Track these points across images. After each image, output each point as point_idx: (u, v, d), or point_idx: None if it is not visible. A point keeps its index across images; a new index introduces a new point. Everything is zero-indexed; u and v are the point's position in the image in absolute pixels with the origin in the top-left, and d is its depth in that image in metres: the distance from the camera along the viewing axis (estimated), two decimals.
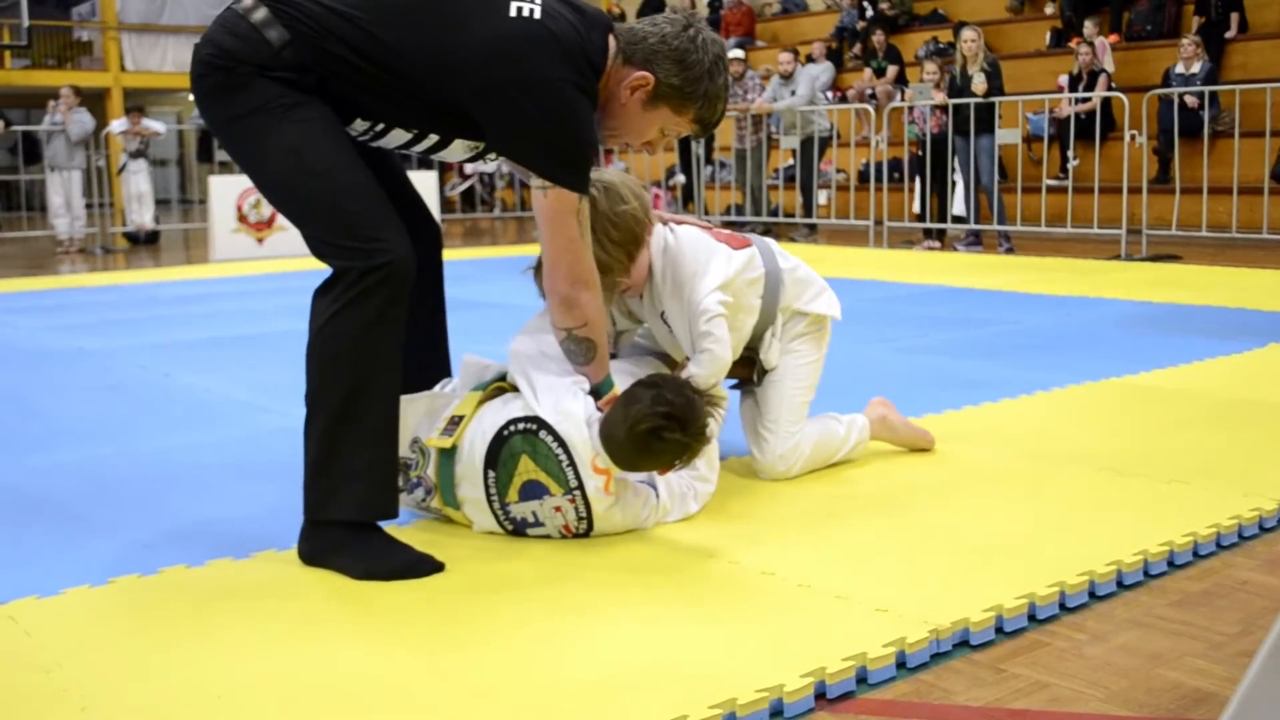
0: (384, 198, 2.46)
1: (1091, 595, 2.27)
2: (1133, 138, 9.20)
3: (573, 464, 2.48)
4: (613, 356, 2.96)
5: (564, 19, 2.46)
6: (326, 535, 2.41)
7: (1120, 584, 2.32)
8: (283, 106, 2.37)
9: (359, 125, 2.50)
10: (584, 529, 2.55)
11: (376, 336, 2.37)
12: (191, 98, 2.49)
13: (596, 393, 2.61)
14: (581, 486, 2.49)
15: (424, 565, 2.38)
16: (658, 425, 2.41)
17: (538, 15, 2.42)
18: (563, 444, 2.49)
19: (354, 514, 2.40)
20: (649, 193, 2.85)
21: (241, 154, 2.48)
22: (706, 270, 2.79)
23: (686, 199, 13.12)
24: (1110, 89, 10.53)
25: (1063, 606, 2.21)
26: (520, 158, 2.54)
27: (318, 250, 2.43)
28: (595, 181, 2.68)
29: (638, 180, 2.77)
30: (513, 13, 2.41)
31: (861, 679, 1.93)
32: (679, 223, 2.93)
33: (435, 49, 2.41)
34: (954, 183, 10.16)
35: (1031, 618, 2.16)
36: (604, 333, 2.63)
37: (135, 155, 12.76)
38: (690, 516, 2.70)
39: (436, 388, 2.79)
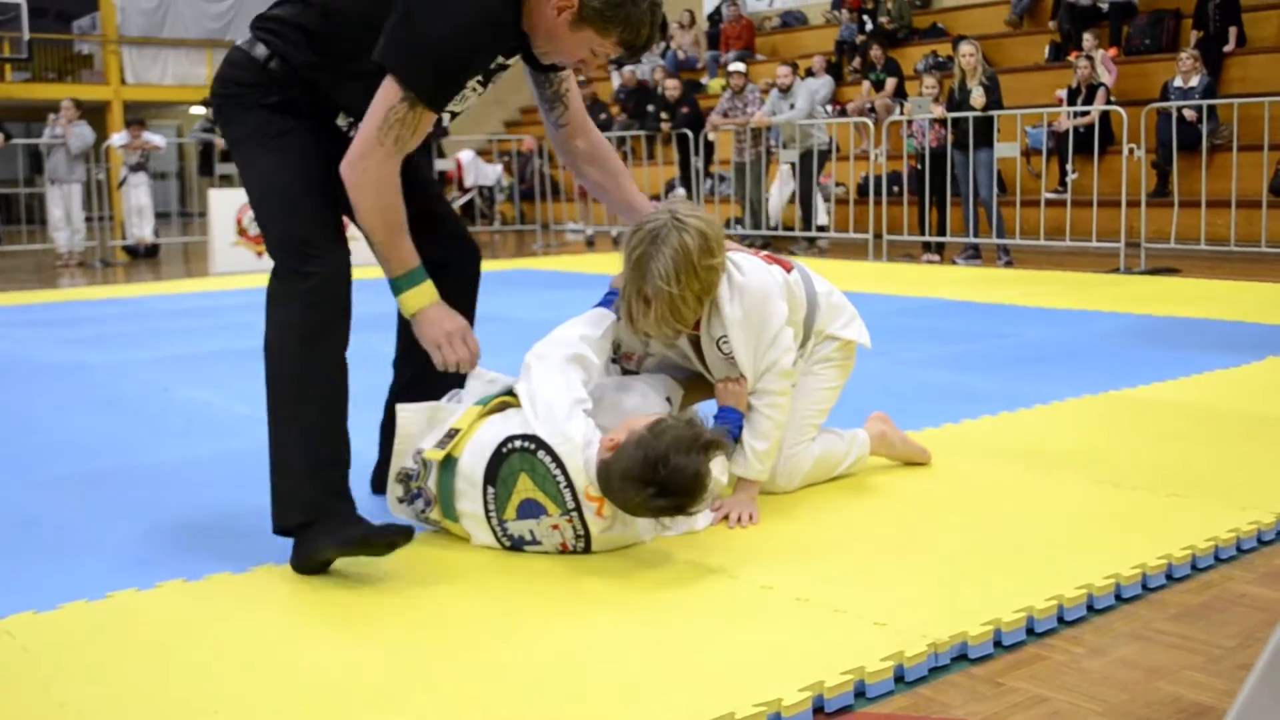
0: (333, 218, 2.63)
1: (1090, 608, 2.27)
2: (1131, 151, 9.22)
3: (570, 486, 2.47)
4: (632, 373, 2.96)
5: None
6: (300, 542, 2.46)
7: (1119, 597, 2.32)
8: (266, 135, 2.61)
9: (342, 122, 2.68)
10: (581, 547, 2.54)
11: (315, 348, 2.52)
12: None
13: (396, 289, 2.62)
14: (579, 508, 2.48)
15: (391, 531, 2.41)
16: (647, 498, 2.38)
17: None
18: (560, 465, 2.48)
19: (304, 517, 2.45)
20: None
21: (240, 172, 2.71)
22: (780, 313, 2.79)
23: None
24: (1109, 103, 10.55)
25: (1061, 620, 2.21)
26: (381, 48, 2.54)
27: (274, 264, 2.58)
28: (689, 227, 2.65)
29: (720, 225, 2.76)
30: None
31: (860, 693, 1.93)
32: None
33: (370, 12, 2.52)
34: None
35: (1030, 631, 2.16)
36: (380, 225, 2.57)
37: (136, 169, 12.77)
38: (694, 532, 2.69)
39: (444, 398, 2.78)
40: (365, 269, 2.69)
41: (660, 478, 2.35)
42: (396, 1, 2.50)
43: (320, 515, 2.44)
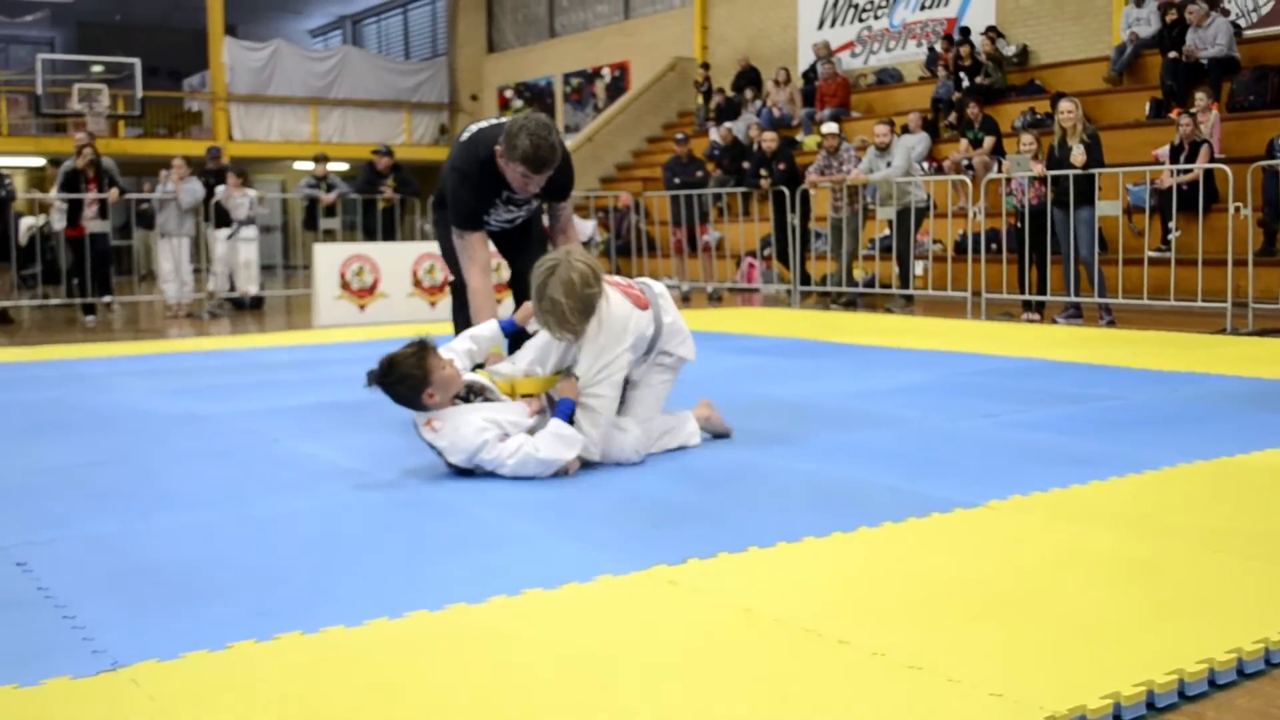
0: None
1: (1211, 684, 2.22)
2: (1237, 210, 9.06)
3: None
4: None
5: (478, 133, 4.68)
6: None
7: (1241, 672, 2.27)
8: (442, 219, 5.03)
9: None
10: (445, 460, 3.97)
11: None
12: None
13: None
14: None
15: None
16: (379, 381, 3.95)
17: (464, 136, 4.73)
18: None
19: None
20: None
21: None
22: (624, 344, 4.01)
23: (783, 265, 13.15)
24: (1213, 160, 10.38)
25: (1182, 695, 2.17)
26: None
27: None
28: (575, 266, 3.86)
29: (596, 263, 3.99)
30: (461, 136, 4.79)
31: None
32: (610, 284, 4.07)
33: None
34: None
35: (1150, 706, 2.12)
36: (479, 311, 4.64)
37: (246, 223, 13.10)
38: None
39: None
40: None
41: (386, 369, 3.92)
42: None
43: None
